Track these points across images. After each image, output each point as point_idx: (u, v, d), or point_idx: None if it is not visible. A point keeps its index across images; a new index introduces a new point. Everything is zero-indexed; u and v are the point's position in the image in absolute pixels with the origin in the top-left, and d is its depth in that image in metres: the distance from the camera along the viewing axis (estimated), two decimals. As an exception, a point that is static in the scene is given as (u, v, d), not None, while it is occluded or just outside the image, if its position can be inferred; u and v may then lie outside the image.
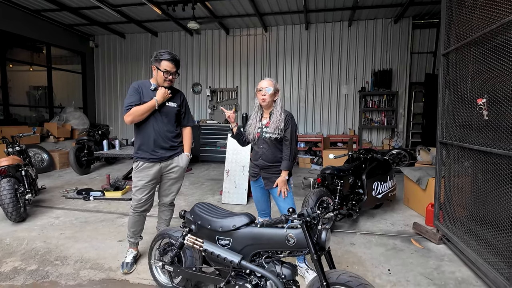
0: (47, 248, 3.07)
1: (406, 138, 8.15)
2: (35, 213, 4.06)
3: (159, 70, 2.49)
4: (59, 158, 7.16)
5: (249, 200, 4.68)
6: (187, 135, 2.82)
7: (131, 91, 2.53)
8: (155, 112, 2.54)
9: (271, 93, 2.43)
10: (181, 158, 2.73)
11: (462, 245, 2.77)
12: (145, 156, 2.57)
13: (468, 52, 2.76)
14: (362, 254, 2.98)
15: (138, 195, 2.60)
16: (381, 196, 3.88)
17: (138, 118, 2.49)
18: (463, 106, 2.81)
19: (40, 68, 8.42)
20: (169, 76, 2.50)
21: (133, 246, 2.80)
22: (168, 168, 2.69)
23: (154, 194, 2.72)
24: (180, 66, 2.61)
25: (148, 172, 2.59)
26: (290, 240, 1.81)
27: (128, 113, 2.46)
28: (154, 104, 2.49)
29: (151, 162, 2.58)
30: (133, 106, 2.47)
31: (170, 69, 2.49)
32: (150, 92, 2.56)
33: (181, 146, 2.76)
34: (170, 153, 2.65)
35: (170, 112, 2.62)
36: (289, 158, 2.44)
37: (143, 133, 2.58)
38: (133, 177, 2.64)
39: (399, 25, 7.87)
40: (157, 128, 2.57)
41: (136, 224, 2.71)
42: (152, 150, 2.57)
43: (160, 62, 2.47)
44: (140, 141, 2.60)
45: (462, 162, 2.88)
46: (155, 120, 2.57)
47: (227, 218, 2.08)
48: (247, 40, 8.74)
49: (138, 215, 2.68)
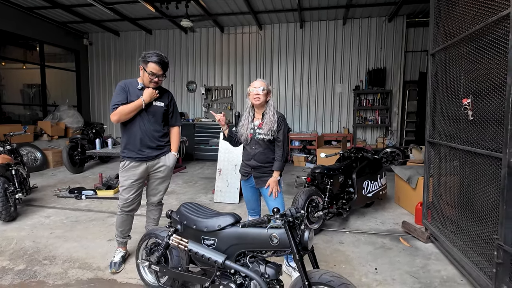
0: (36, 248, 3.07)
1: (400, 137, 8.18)
2: (25, 212, 4.05)
3: (145, 71, 2.48)
4: (52, 157, 7.13)
5: (241, 199, 4.69)
6: (174, 135, 2.82)
7: (117, 90, 2.53)
8: (142, 111, 2.54)
9: (264, 92, 2.43)
10: (168, 157, 2.73)
11: (448, 244, 2.79)
12: (131, 155, 2.57)
13: (454, 51, 2.77)
14: (350, 253, 3.00)
15: (125, 195, 2.61)
16: (371, 195, 3.90)
17: (124, 117, 2.49)
18: (450, 106, 2.83)
19: (33, 66, 8.36)
20: (155, 78, 2.49)
21: (122, 245, 2.80)
22: (155, 167, 2.69)
23: (141, 193, 2.72)
24: (168, 68, 2.59)
25: (134, 172, 2.59)
26: (274, 240, 1.82)
27: (114, 112, 2.45)
28: (140, 103, 2.48)
29: (138, 161, 2.58)
30: (120, 105, 2.46)
31: (156, 72, 2.47)
32: (137, 91, 2.56)
33: (168, 145, 2.76)
34: (157, 152, 2.65)
35: (157, 111, 2.62)
36: (281, 159, 2.46)
37: (130, 132, 2.58)
38: (119, 177, 2.64)
39: (393, 24, 7.88)
40: (144, 128, 2.57)
41: (124, 223, 2.72)
42: (139, 149, 2.57)
43: (147, 63, 2.46)
44: (126, 140, 2.60)
45: (450, 161, 2.90)
46: (142, 119, 2.56)
47: (213, 218, 2.09)
48: (242, 38, 8.72)
49: (125, 214, 2.68)
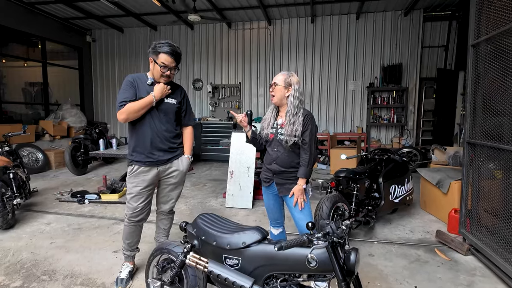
0: (35, 260, 2.78)
1: (416, 136, 7.82)
2: (24, 219, 3.78)
3: (156, 64, 2.20)
4: (54, 158, 6.87)
5: (255, 203, 4.38)
6: (188, 136, 2.52)
7: (125, 86, 2.24)
8: (152, 109, 2.25)
9: (279, 88, 2.14)
10: (181, 161, 2.43)
11: (497, 259, 2.47)
12: (140, 159, 2.28)
13: (504, 42, 2.44)
14: (383, 267, 2.68)
15: (133, 203, 2.31)
16: (398, 201, 3.58)
17: (133, 116, 2.19)
18: (498, 102, 2.50)
19: (35, 64, 8.10)
20: (167, 71, 2.21)
21: (129, 259, 2.51)
22: (167, 172, 2.39)
23: (151, 201, 2.42)
24: (180, 60, 2.31)
25: (144, 177, 2.29)
26: (312, 262, 1.52)
27: (122, 110, 2.16)
28: (151, 100, 2.19)
29: (148, 165, 2.29)
30: (127, 102, 2.17)
31: (169, 64, 2.19)
32: (146, 86, 2.26)
33: (181, 147, 2.46)
34: (169, 156, 2.36)
35: (169, 109, 2.32)
36: (308, 164, 2.13)
37: (139, 133, 2.29)
38: (127, 183, 2.35)
39: (410, 18, 7.51)
40: (154, 127, 2.28)
41: (131, 235, 2.42)
42: (149, 152, 2.28)
43: (158, 54, 2.18)
44: (135, 142, 2.31)
45: (496, 164, 2.57)
46: (152, 118, 2.27)
47: (236, 233, 1.78)
48: (250, 34, 8.39)
49: (133, 225, 2.39)
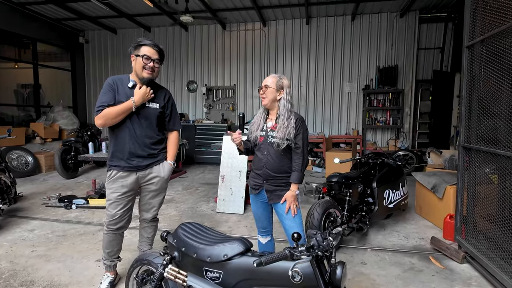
0: (13, 270, 2.66)
1: (412, 139, 7.75)
2: (7, 225, 3.65)
3: (138, 57, 2.10)
4: (45, 161, 6.74)
5: (247, 208, 4.28)
6: (172, 141, 2.41)
7: (104, 88, 2.14)
8: (132, 114, 2.14)
9: (271, 90, 2.05)
10: (163, 167, 2.31)
11: (493, 268, 2.38)
12: (119, 164, 2.18)
13: (499, 43, 2.36)
14: (375, 276, 2.58)
15: (112, 210, 2.20)
16: (393, 206, 3.49)
17: (111, 122, 2.09)
18: (494, 105, 2.42)
19: (27, 66, 7.97)
20: (150, 62, 2.10)
21: (110, 269, 2.39)
22: (147, 178, 2.28)
23: (131, 208, 2.31)
24: (164, 57, 2.22)
25: (123, 183, 2.19)
26: (296, 277, 1.42)
27: (99, 115, 2.06)
28: (130, 106, 2.08)
29: (126, 171, 2.18)
30: (105, 106, 2.07)
31: (151, 55, 2.10)
32: (127, 90, 2.16)
33: (163, 153, 2.34)
34: (149, 162, 2.24)
35: (150, 114, 2.21)
36: (301, 169, 2.05)
37: (118, 138, 2.19)
38: (106, 189, 2.24)
39: (405, 19, 7.46)
40: (134, 134, 2.17)
41: (111, 244, 2.31)
42: (127, 158, 2.17)
43: (140, 47, 2.11)
44: (113, 147, 2.21)
45: (493, 169, 2.49)
46: (132, 123, 2.16)
47: (217, 245, 1.68)
48: (245, 36, 8.31)
49: (113, 233, 2.28)
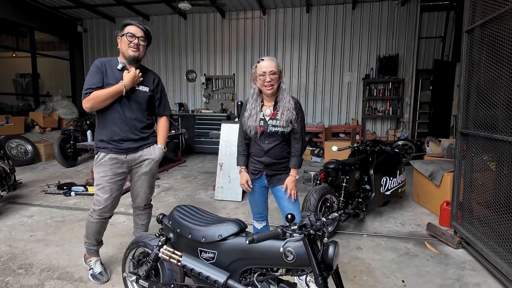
0: (12, 254, 2.69)
1: (412, 129, 7.73)
2: (7, 211, 3.68)
3: (123, 36, 2.07)
4: (44, 150, 6.75)
5: (244, 196, 4.30)
6: (162, 126, 2.36)
7: (92, 71, 2.07)
8: (121, 97, 2.09)
9: (276, 76, 1.97)
10: (153, 149, 2.27)
11: (488, 252, 2.40)
12: (107, 146, 2.13)
13: (500, 26, 2.33)
14: (370, 260, 2.61)
15: (102, 195, 2.15)
16: (390, 193, 3.50)
17: (99, 105, 2.04)
18: (493, 91, 2.40)
19: (25, 55, 7.92)
20: (135, 39, 2.05)
21: (95, 253, 2.37)
22: (138, 161, 2.23)
23: (120, 194, 2.28)
24: (151, 38, 2.19)
25: (112, 165, 2.14)
26: (289, 256, 1.43)
27: (88, 98, 2.00)
28: (120, 89, 2.03)
29: (116, 153, 2.14)
30: (94, 89, 2.01)
31: (135, 32, 2.06)
32: (116, 72, 2.10)
33: (153, 136, 2.30)
34: (139, 144, 2.20)
35: (140, 98, 2.17)
36: (300, 154, 2.07)
37: (107, 121, 2.13)
38: (94, 173, 2.19)
39: (406, 8, 7.36)
40: (124, 117, 2.12)
41: (99, 231, 2.29)
42: (118, 141, 2.13)
43: (125, 27, 2.08)
44: (102, 130, 2.15)
45: (491, 155, 2.48)
46: (122, 106, 2.11)
47: (212, 226, 1.69)
48: (244, 24, 8.22)
49: (104, 220, 2.24)
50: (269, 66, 1.95)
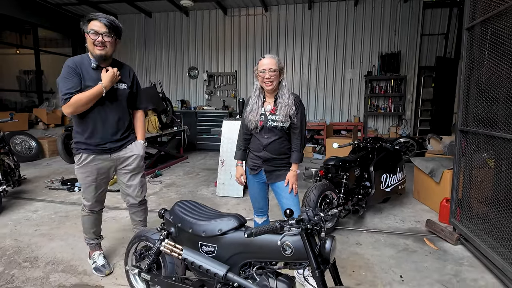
0: (17, 248, 2.75)
1: (414, 126, 7.72)
2: (12, 206, 3.74)
3: (86, 34, 1.95)
4: (48, 146, 6.82)
5: (246, 192, 4.34)
6: (139, 120, 2.32)
7: (66, 73, 1.96)
8: (101, 98, 2.02)
9: (276, 73, 2.03)
10: (136, 145, 2.26)
11: (485, 248, 2.42)
12: (89, 147, 2.10)
13: (500, 24, 2.33)
14: (369, 256, 2.64)
15: (90, 193, 2.17)
16: (390, 190, 3.53)
17: (81, 110, 1.98)
18: (494, 88, 2.41)
19: (29, 52, 7.97)
20: (98, 37, 1.92)
21: (97, 248, 2.44)
22: (122, 159, 2.22)
23: (107, 188, 2.33)
24: (119, 31, 2.03)
25: (96, 165, 2.13)
26: (287, 250, 1.47)
27: (68, 103, 1.92)
28: (100, 91, 1.97)
29: (98, 153, 2.13)
30: (73, 93, 1.93)
31: (98, 29, 1.91)
32: (91, 72, 2.02)
33: (133, 132, 2.29)
34: (121, 142, 2.19)
35: (120, 96, 2.13)
36: (300, 149, 2.10)
37: (87, 123, 2.07)
38: (77, 174, 2.16)
39: (409, 5, 7.32)
40: (106, 117, 2.09)
41: (95, 223, 2.36)
42: (99, 143, 2.11)
43: (88, 23, 1.94)
44: (82, 132, 2.09)
45: (490, 153, 2.50)
46: (103, 107, 2.07)
47: (212, 220, 1.73)
48: (246, 21, 8.21)
49: (96, 213, 2.32)
50: (269, 64, 2.02)
